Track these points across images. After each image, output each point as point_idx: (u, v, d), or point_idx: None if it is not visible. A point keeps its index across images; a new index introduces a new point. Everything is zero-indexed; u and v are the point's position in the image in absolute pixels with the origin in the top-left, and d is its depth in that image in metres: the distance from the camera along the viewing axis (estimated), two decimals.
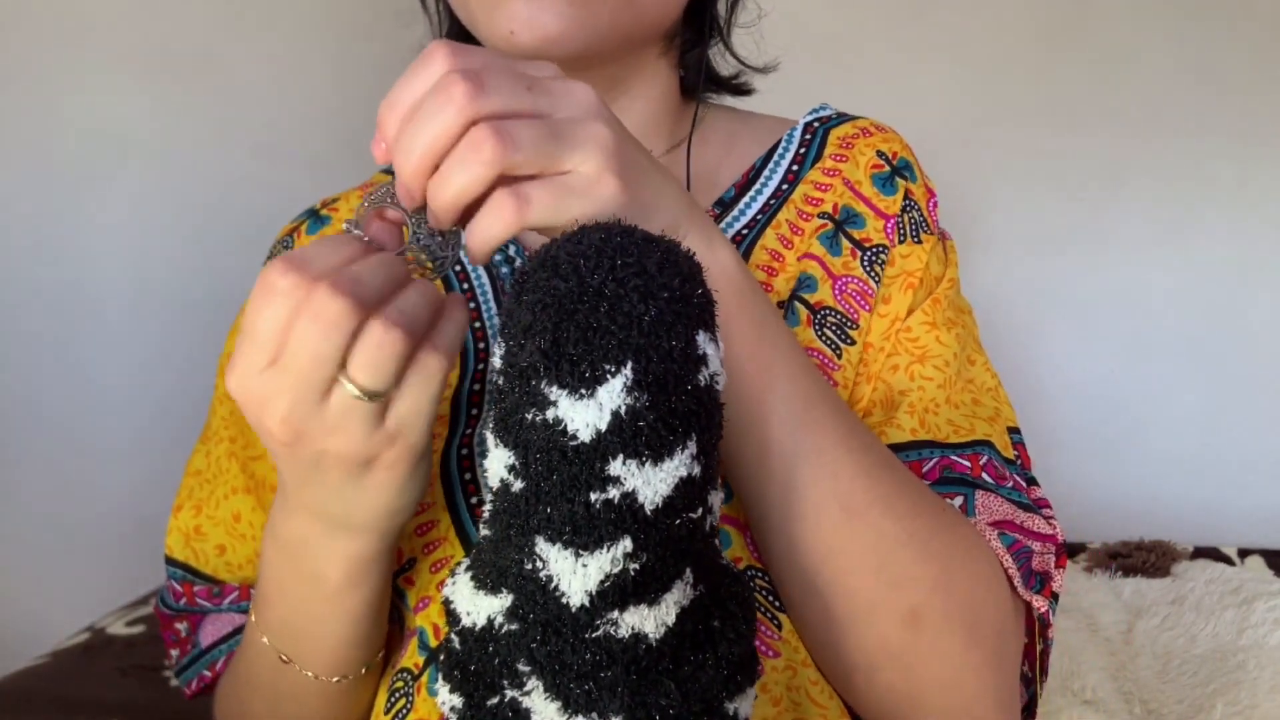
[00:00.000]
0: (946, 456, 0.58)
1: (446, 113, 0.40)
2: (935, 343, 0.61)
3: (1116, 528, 1.47)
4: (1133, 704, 1.12)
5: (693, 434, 0.38)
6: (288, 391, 0.41)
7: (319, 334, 0.40)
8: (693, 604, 0.40)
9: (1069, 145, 1.56)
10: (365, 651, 0.56)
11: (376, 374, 0.41)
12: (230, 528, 0.68)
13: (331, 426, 0.42)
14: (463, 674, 0.42)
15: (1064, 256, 1.59)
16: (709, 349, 0.39)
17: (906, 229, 0.64)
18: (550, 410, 0.37)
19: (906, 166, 0.67)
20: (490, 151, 0.40)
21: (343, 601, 0.52)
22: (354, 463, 0.44)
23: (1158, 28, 1.53)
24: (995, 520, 0.57)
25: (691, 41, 0.68)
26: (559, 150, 0.42)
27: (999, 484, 0.59)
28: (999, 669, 0.55)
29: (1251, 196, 1.55)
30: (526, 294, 0.38)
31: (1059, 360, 1.59)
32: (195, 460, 0.71)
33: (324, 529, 0.49)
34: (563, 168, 0.42)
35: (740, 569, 0.54)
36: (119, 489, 1.53)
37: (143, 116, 1.47)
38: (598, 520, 0.37)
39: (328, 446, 0.43)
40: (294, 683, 0.57)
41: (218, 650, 0.69)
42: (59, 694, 1.09)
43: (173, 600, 0.72)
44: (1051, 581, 0.58)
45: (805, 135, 0.69)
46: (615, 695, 0.39)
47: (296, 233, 0.71)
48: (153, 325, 1.51)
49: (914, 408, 0.60)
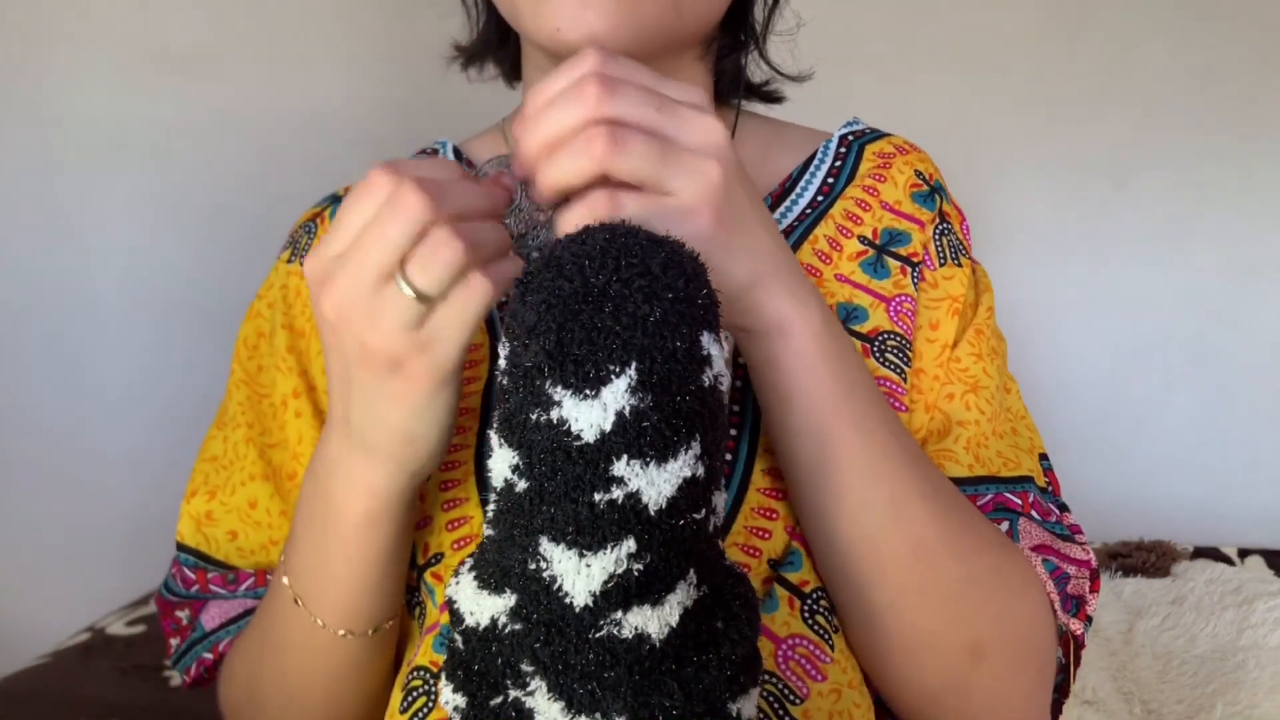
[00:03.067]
0: (1001, 494, 0.61)
1: (574, 107, 0.44)
2: (983, 374, 0.63)
3: (1116, 528, 1.47)
4: (1133, 704, 1.12)
5: (696, 434, 0.38)
6: (350, 274, 0.45)
7: (392, 221, 0.43)
8: (696, 605, 0.40)
9: (1069, 145, 1.56)
10: (375, 607, 0.56)
11: (429, 275, 0.44)
12: (245, 514, 0.68)
13: (375, 317, 0.45)
14: (466, 674, 0.42)
15: (1064, 256, 1.59)
16: (713, 349, 0.39)
17: (946, 251, 0.66)
18: (554, 410, 0.37)
19: (940, 188, 0.68)
20: (599, 149, 0.43)
21: (360, 540, 0.53)
22: (384, 361, 0.46)
23: (1158, 28, 1.53)
24: (1035, 545, 0.60)
25: (728, 47, 0.69)
26: (665, 171, 0.44)
27: (1044, 519, 0.62)
28: (1044, 689, 0.59)
29: (1251, 196, 1.55)
30: (531, 294, 0.38)
31: (1059, 360, 1.59)
32: (211, 446, 0.71)
33: (348, 450, 0.51)
34: (665, 189, 0.45)
35: (807, 590, 0.55)
36: (119, 489, 1.52)
37: (143, 116, 1.47)
38: (602, 520, 0.37)
39: (366, 339, 0.45)
40: (303, 631, 0.57)
41: (223, 632, 0.68)
42: (59, 694, 1.09)
43: (180, 587, 0.71)
44: (1086, 605, 0.61)
45: (840, 148, 0.69)
46: (618, 695, 0.39)
47: (320, 218, 0.70)
48: (152, 325, 1.51)
49: (970, 443, 0.62)
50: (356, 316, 0.45)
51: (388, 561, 0.55)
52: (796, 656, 0.54)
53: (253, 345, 0.71)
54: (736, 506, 0.57)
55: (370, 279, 0.44)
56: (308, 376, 0.67)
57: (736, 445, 0.58)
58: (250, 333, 0.71)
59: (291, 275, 0.69)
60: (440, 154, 0.72)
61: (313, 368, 0.67)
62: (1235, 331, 1.58)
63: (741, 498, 0.57)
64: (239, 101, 1.48)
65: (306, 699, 0.60)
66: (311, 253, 0.47)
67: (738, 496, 0.57)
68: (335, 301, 0.45)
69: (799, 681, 0.54)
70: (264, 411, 0.69)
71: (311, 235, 0.70)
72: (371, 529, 0.53)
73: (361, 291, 0.44)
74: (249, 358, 0.70)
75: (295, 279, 0.69)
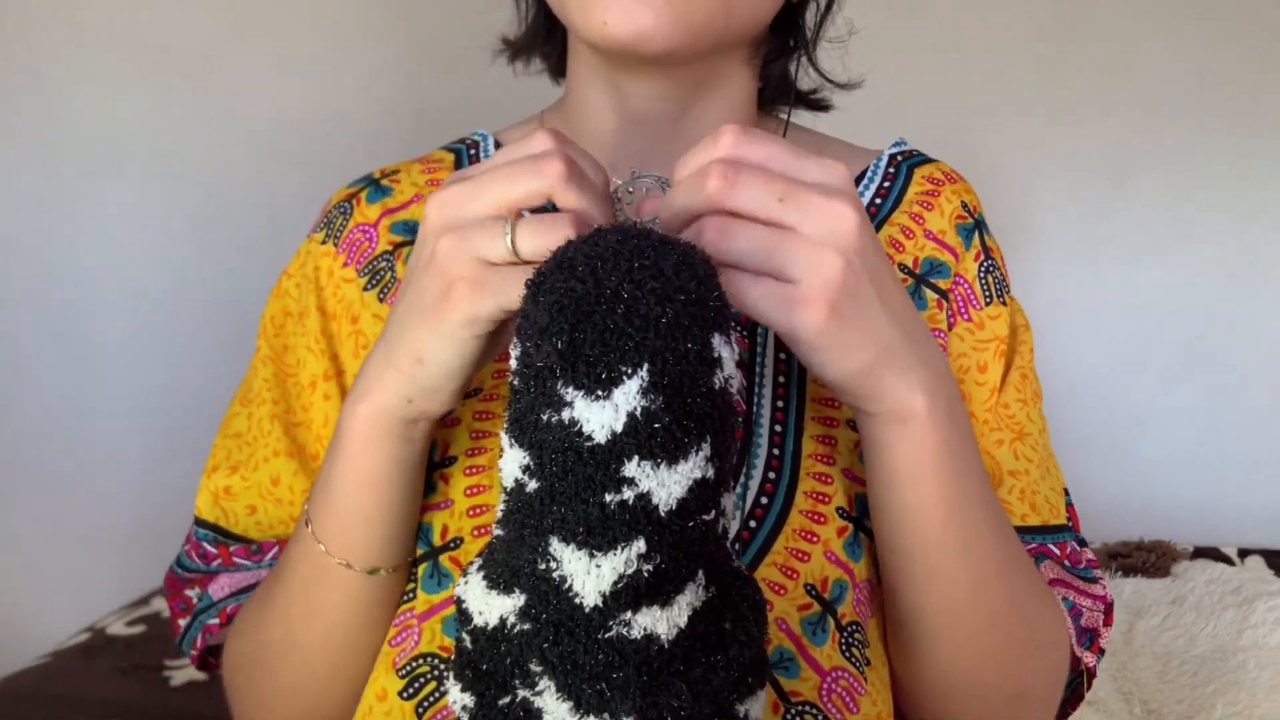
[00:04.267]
0: (1045, 544, 0.64)
1: (694, 196, 0.45)
2: (1027, 420, 0.65)
3: (1116, 528, 1.47)
4: (1133, 704, 1.12)
5: (707, 436, 0.38)
6: (470, 191, 0.47)
7: (531, 173, 0.46)
8: (705, 606, 0.40)
9: (1068, 145, 1.56)
10: (371, 541, 0.56)
11: (530, 242, 0.45)
12: (266, 490, 0.67)
13: (464, 234, 0.46)
14: (474, 673, 0.42)
15: (1064, 256, 1.59)
16: (724, 352, 0.39)
17: (991, 289, 0.66)
18: (566, 411, 0.37)
19: (983, 222, 0.68)
20: (707, 238, 0.45)
21: (358, 458, 0.54)
22: (440, 273, 0.47)
23: (1158, 28, 1.53)
24: (1053, 579, 0.63)
25: (777, 51, 0.68)
26: (780, 260, 0.45)
27: (1074, 566, 0.65)
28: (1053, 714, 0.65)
29: (1251, 196, 1.55)
30: (543, 295, 0.38)
31: (1059, 360, 1.59)
32: (235, 422, 0.70)
33: (371, 362, 0.52)
34: (783, 276, 0.45)
35: (844, 623, 0.56)
36: (119, 489, 1.52)
37: (143, 116, 1.47)
38: (612, 521, 0.37)
39: (443, 246, 0.47)
40: (310, 560, 0.58)
41: (231, 600, 0.67)
42: (59, 694, 1.09)
43: (195, 562, 0.70)
44: (1100, 639, 0.64)
45: (889, 168, 0.69)
46: (627, 696, 0.39)
47: (356, 199, 0.69)
48: (152, 325, 1.51)
49: (1024, 493, 0.64)
50: (450, 224, 0.47)
51: (384, 489, 0.55)
52: (839, 689, 0.55)
53: (279, 324, 0.70)
54: (778, 528, 0.57)
55: (484, 206, 0.46)
56: (338, 360, 0.66)
57: (780, 465, 0.59)
58: (277, 311, 0.70)
59: (325, 256, 0.68)
60: (480, 145, 0.72)
61: (343, 351, 0.66)
62: (1235, 331, 1.58)
63: (784, 520, 0.58)
64: (239, 101, 1.48)
65: (307, 638, 0.60)
66: (447, 180, 0.49)
67: (780, 517, 0.58)
68: (442, 202, 0.48)
69: (838, 714, 0.54)
70: (289, 390, 0.68)
71: (347, 216, 0.68)
72: (367, 447, 0.53)
73: (469, 209, 0.47)
74: (275, 335, 0.70)
75: (328, 260, 0.68)
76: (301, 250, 0.71)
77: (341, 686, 0.61)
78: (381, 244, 0.66)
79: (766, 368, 0.62)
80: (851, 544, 0.58)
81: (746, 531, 0.57)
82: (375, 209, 0.68)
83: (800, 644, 0.55)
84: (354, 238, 0.67)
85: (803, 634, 0.55)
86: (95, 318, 1.51)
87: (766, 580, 0.56)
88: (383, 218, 0.67)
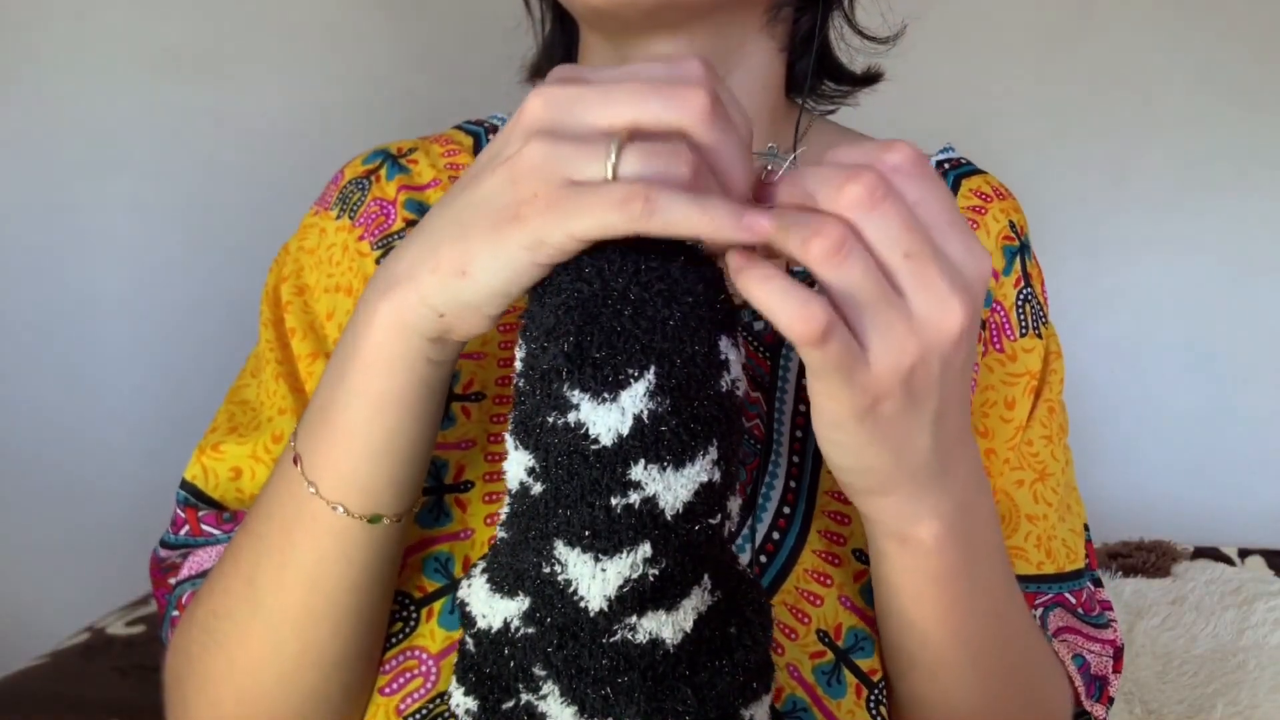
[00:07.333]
0: (1061, 594, 0.61)
1: (827, 188, 0.38)
2: (1051, 458, 0.61)
3: (1117, 528, 1.47)
4: (1133, 704, 1.12)
5: (714, 439, 0.38)
6: (579, 108, 0.38)
7: (665, 97, 0.37)
8: (710, 610, 0.40)
9: (1069, 145, 1.56)
10: (370, 478, 0.47)
11: (637, 167, 0.37)
12: (263, 451, 0.61)
13: (557, 160, 0.38)
14: (478, 676, 0.42)
15: (1064, 256, 1.59)
16: (730, 354, 0.39)
17: (1028, 319, 0.62)
18: (572, 413, 0.37)
19: (1028, 245, 0.64)
20: (829, 242, 0.37)
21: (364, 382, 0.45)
22: (511, 186, 0.39)
23: (1158, 28, 1.53)
24: (1062, 627, 0.60)
25: (799, 10, 0.60)
26: (868, 322, 0.38)
27: (1087, 614, 0.62)
28: None
29: (1251, 197, 1.55)
30: (549, 296, 0.38)
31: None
32: (243, 391, 0.65)
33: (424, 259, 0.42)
34: (856, 331, 0.38)
35: (875, 680, 0.55)
36: (119, 489, 1.52)
37: (143, 116, 1.46)
38: (618, 525, 0.37)
39: (532, 171, 0.38)
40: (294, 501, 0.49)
41: (201, 578, 0.59)
42: (59, 694, 1.09)
43: (174, 535, 0.63)
44: (1109, 687, 0.62)
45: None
46: (632, 700, 0.39)
47: (375, 176, 0.66)
48: (152, 324, 1.51)
49: (1040, 540, 0.60)
50: (550, 127, 0.38)
51: (402, 413, 0.46)
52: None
53: (279, 295, 0.66)
54: (789, 567, 0.54)
55: (598, 118, 0.38)
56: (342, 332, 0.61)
57: (795, 501, 0.56)
58: (278, 282, 0.66)
59: (340, 231, 0.64)
60: (500, 129, 0.70)
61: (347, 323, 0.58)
62: (1235, 331, 1.58)
63: (795, 558, 0.54)
64: (239, 101, 1.48)
65: (277, 600, 0.50)
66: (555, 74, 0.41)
67: (792, 554, 0.54)
68: (550, 99, 0.39)
69: None
70: (288, 348, 0.64)
71: (365, 191, 0.65)
72: (389, 360, 0.44)
73: (580, 117, 0.38)
74: (276, 305, 0.66)
75: (344, 235, 0.64)
76: (311, 228, 0.67)
77: (309, 676, 0.51)
78: (398, 221, 0.64)
79: (788, 394, 0.58)
80: (870, 591, 0.53)
81: (756, 566, 0.54)
82: (393, 186, 0.65)
83: (814, 694, 0.52)
84: (371, 211, 0.64)
85: (816, 683, 0.52)
86: (95, 317, 1.50)
87: (775, 621, 0.52)
88: (400, 192, 0.64)
